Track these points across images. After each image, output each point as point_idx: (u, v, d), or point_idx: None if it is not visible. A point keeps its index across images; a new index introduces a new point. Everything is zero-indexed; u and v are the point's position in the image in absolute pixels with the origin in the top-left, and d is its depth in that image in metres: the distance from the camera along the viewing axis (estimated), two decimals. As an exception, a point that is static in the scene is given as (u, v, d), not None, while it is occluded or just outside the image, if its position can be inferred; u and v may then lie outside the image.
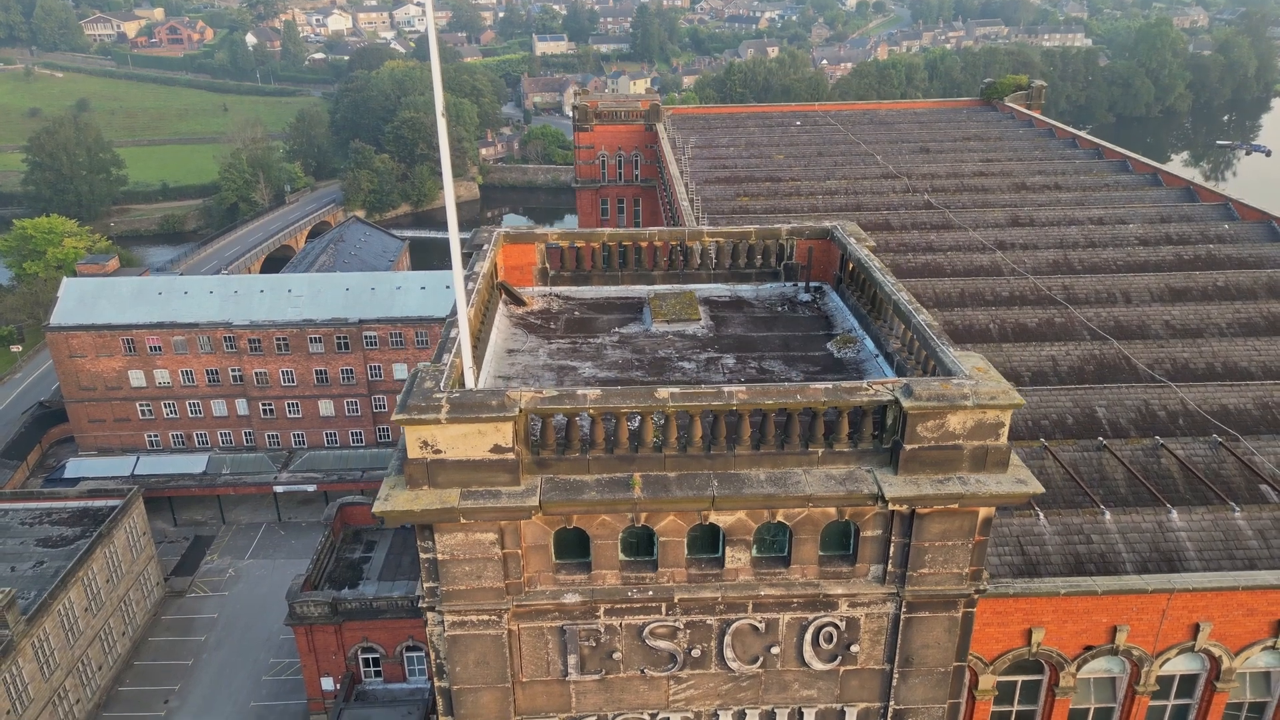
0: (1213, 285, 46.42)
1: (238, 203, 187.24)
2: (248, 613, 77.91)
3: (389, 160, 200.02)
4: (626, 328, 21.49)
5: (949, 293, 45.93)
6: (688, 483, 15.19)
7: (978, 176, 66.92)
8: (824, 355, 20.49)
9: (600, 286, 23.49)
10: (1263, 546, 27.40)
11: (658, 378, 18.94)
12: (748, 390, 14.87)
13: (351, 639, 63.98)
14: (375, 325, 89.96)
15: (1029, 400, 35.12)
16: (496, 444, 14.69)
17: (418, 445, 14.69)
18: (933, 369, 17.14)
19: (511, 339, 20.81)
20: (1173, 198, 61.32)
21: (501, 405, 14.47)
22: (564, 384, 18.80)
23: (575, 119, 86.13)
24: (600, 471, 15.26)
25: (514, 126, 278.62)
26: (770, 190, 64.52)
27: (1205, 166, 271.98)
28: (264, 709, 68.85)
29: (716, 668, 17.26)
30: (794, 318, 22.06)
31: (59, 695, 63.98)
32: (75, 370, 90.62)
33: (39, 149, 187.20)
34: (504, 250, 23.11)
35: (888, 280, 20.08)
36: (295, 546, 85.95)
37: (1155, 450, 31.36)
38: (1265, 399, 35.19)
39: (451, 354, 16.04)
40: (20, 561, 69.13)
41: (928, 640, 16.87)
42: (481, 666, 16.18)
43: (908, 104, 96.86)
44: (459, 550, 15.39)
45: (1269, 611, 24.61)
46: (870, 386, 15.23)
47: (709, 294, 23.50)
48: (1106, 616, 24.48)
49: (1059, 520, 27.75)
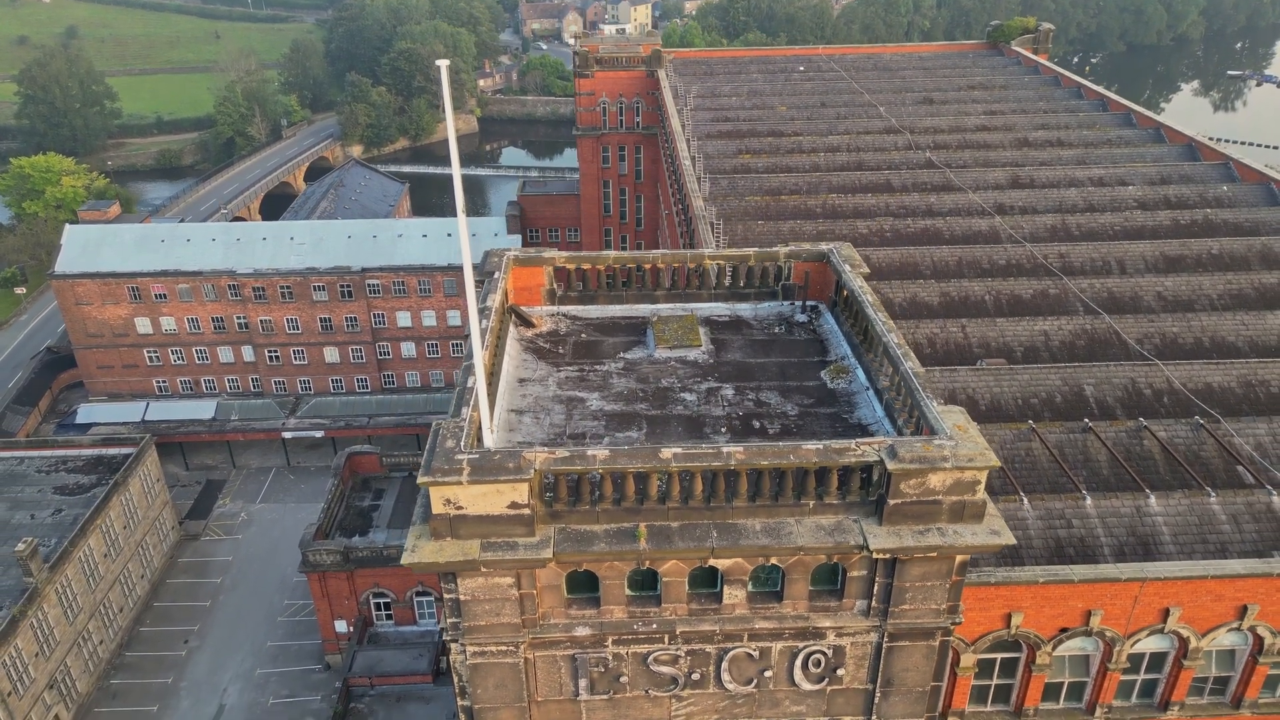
0: (1207, 253, 47.05)
1: (234, 137, 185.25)
2: (261, 556, 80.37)
3: (386, 93, 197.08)
4: (631, 352, 22.47)
5: (947, 261, 46.61)
6: (689, 533, 16.45)
7: (980, 131, 66.77)
8: (818, 386, 21.54)
9: (606, 306, 24.36)
10: (1235, 530, 28.80)
11: (661, 410, 20.08)
12: (745, 450, 15.99)
13: (363, 585, 66.34)
14: (378, 274, 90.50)
15: (1021, 379, 36.21)
16: (514, 501, 15.88)
17: (441, 502, 15.88)
18: (918, 420, 18.18)
19: (522, 366, 21.80)
20: (1174, 155, 61.37)
21: (518, 467, 15.61)
22: (572, 417, 19.94)
23: (576, 65, 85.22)
24: (608, 522, 16.51)
25: (512, 55, 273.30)
26: (772, 146, 64.49)
27: (1215, 96, 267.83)
28: (279, 649, 71.68)
29: (714, 688, 18.89)
30: (791, 341, 23.02)
31: (83, 637, 66.68)
32: (82, 317, 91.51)
33: (31, 82, 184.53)
34: (513, 272, 23.89)
35: (879, 318, 21.02)
36: (304, 491, 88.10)
37: (1138, 432, 32.53)
38: (1249, 377, 36.22)
39: (469, 407, 17.09)
40: (39, 509, 71.17)
41: (908, 665, 18.39)
42: (500, 689, 17.76)
43: (913, 47, 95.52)
44: (479, 592, 16.80)
45: (1235, 597, 26.09)
46: (858, 447, 16.33)
47: (710, 313, 24.40)
48: (1082, 602, 25.97)
49: (1042, 505, 29.09)
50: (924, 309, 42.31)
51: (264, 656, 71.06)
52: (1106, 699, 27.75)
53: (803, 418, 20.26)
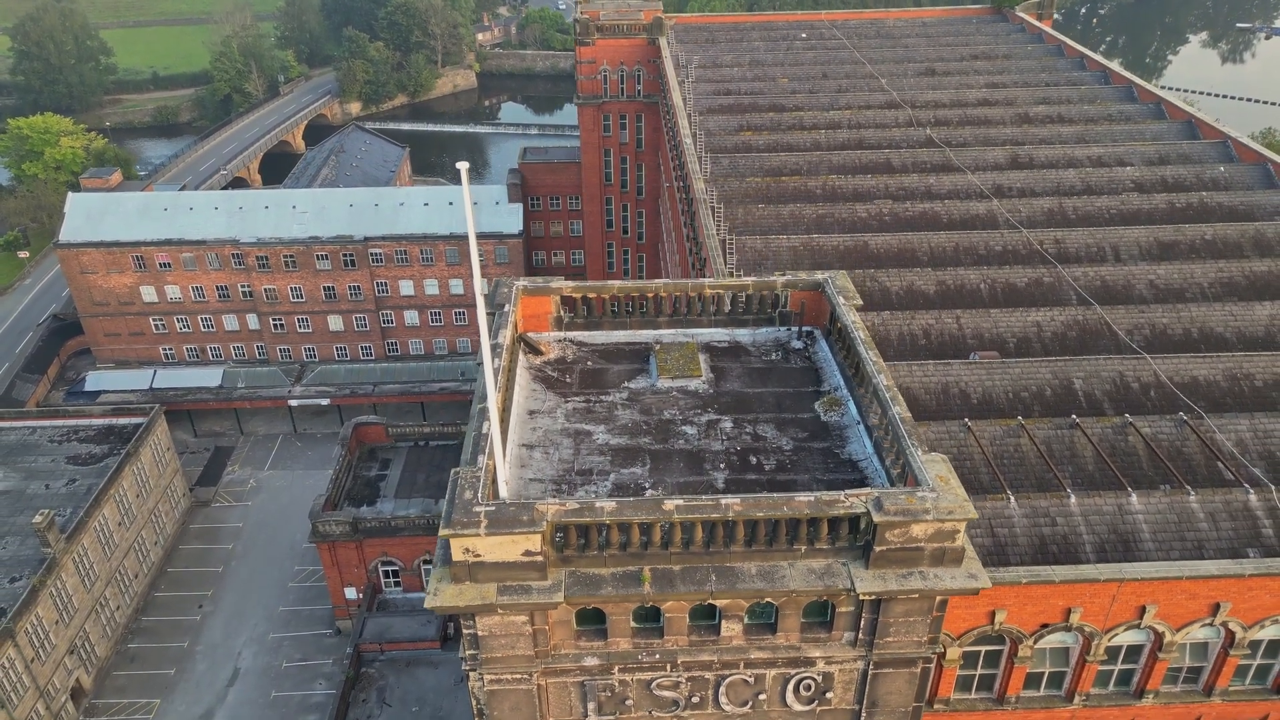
0: (1200, 239, 47.74)
1: (231, 94, 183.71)
2: (271, 522, 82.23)
3: (383, 49, 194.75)
4: (635, 381, 23.52)
5: (944, 247, 47.34)
6: (690, 576, 17.71)
7: (981, 106, 66.85)
8: (812, 418, 22.63)
9: (610, 331, 25.30)
10: (1212, 528, 30.08)
11: (663, 445, 21.22)
12: (742, 503, 17.13)
13: (372, 553, 68.21)
14: (380, 243, 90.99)
15: (1012, 372, 37.25)
16: (527, 549, 17.09)
17: (461, 550, 17.08)
18: (904, 465, 19.26)
19: (531, 397, 22.85)
20: (1174, 133, 61.58)
21: (532, 520, 16.78)
22: (580, 452, 21.09)
23: (577, 33, 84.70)
24: (615, 566, 17.76)
25: (510, 6, 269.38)
26: (773, 122, 64.65)
27: (1224, 47, 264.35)
28: (291, 613, 73.87)
29: (713, 709, 20.40)
30: (787, 369, 24.04)
31: (100, 604, 68.77)
32: (87, 286, 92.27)
33: (24, 38, 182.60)
34: (523, 301, 24.79)
35: (870, 357, 22.04)
36: (311, 458, 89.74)
37: (1124, 429, 33.65)
38: (1234, 370, 37.24)
39: (485, 455, 18.20)
40: (53, 479, 72.79)
41: (891, 689, 19.77)
42: (515, 711, 19.22)
43: (916, 12, 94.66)
44: (496, 629, 18.16)
45: (1208, 595, 27.48)
46: (847, 499, 17.46)
47: (710, 339, 25.39)
48: (1062, 600, 27.37)
49: (1028, 504, 30.33)
50: (920, 298, 43.18)
51: (276, 621, 73.24)
52: (1085, 688, 29.33)
53: (797, 453, 21.40)
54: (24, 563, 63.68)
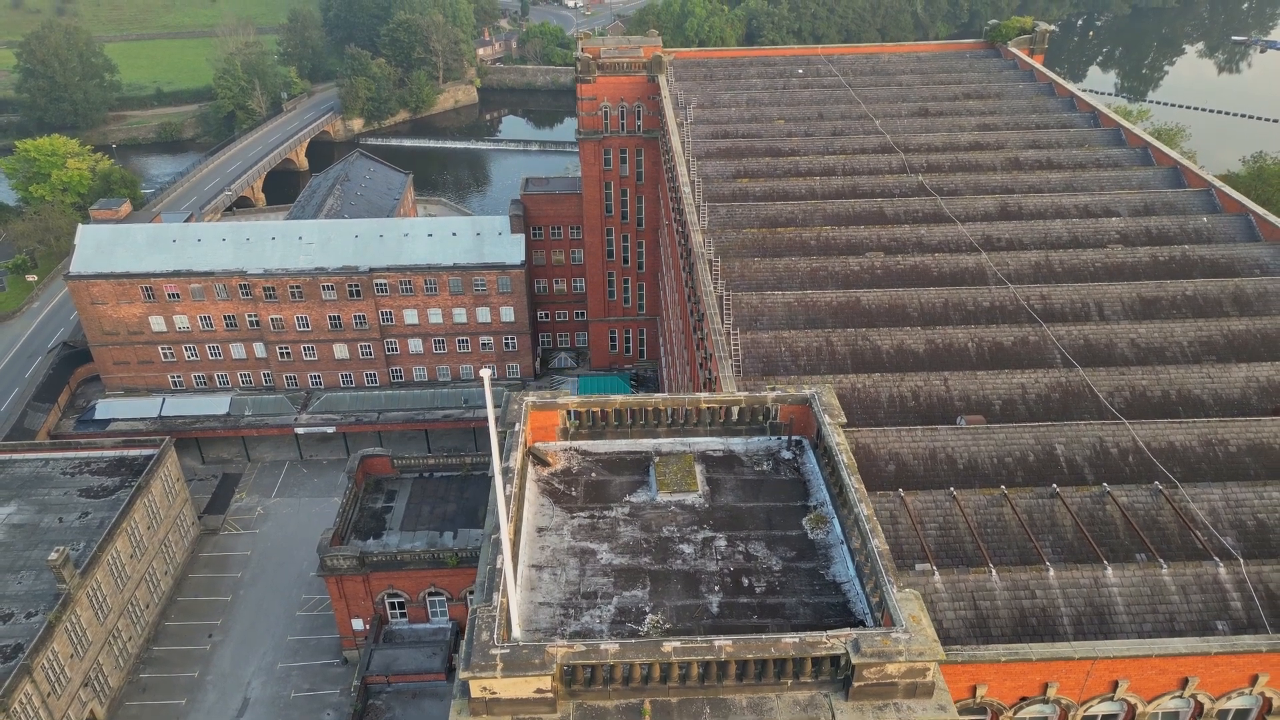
0: (1182, 295, 49.43)
1: (234, 111, 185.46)
2: (278, 550, 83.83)
3: (385, 65, 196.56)
4: (636, 495, 25.19)
5: (934, 304, 49.00)
6: (686, 709, 19.35)
7: (972, 150, 68.55)
8: (799, 536, 24.33)
9: (613, 440, 26.96)
10: (1183, 601, 31.73)
11: (662, 565, 22.90)
12: (734, 644, 18.80)
13: (378, 586, 69.82)
14: (385, 274, 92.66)
15: (997, 438, 38.92)
16: (539, 688, 18.74)
17: (479, 689, 18.74)
18: (880, 598, 20.92)
19: (540, 513, 24.51)
20: (1159, 180, 63.24)
21: (543, 663, 18.44)
22: (585, 574, 22.76)
23: (578, 70, 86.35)
24: (618, 699, 19.39)
25: (511, 20, 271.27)
26: (769, 167, 66.33)
27: (1220, 59, 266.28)
28: (299, 643, 75.46)
29: None
30: (778, 481, 25.74)
31: (113, 635, 70.38)
32: (97, 316, 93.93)
33: (30, 55, 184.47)
34: (532, 415, 26.47)
35: (852, 484, 23.77)
36: (318, 485, 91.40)
37: (1102, 498, 35.30)
38: (1209, 436, 38.91)
39: (499, 594, 19.83)
40: (66, 512, 74.41)
41: None
42: None
43: (910, 47, 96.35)
44: None
45: (1177, 671, 29.16)
46: (828, 640, 19.12)
47: (705, 448, 27.08)
48: (1040, 676, 29.04)
49: (1008, 576, 31.97)
50: (910, 358, 44.85)
51: (284, 650, 74.79)
52: (1062, 753, 30.95)
53: (785, 574, 23.08)
54: (39, 597, 65.29)
